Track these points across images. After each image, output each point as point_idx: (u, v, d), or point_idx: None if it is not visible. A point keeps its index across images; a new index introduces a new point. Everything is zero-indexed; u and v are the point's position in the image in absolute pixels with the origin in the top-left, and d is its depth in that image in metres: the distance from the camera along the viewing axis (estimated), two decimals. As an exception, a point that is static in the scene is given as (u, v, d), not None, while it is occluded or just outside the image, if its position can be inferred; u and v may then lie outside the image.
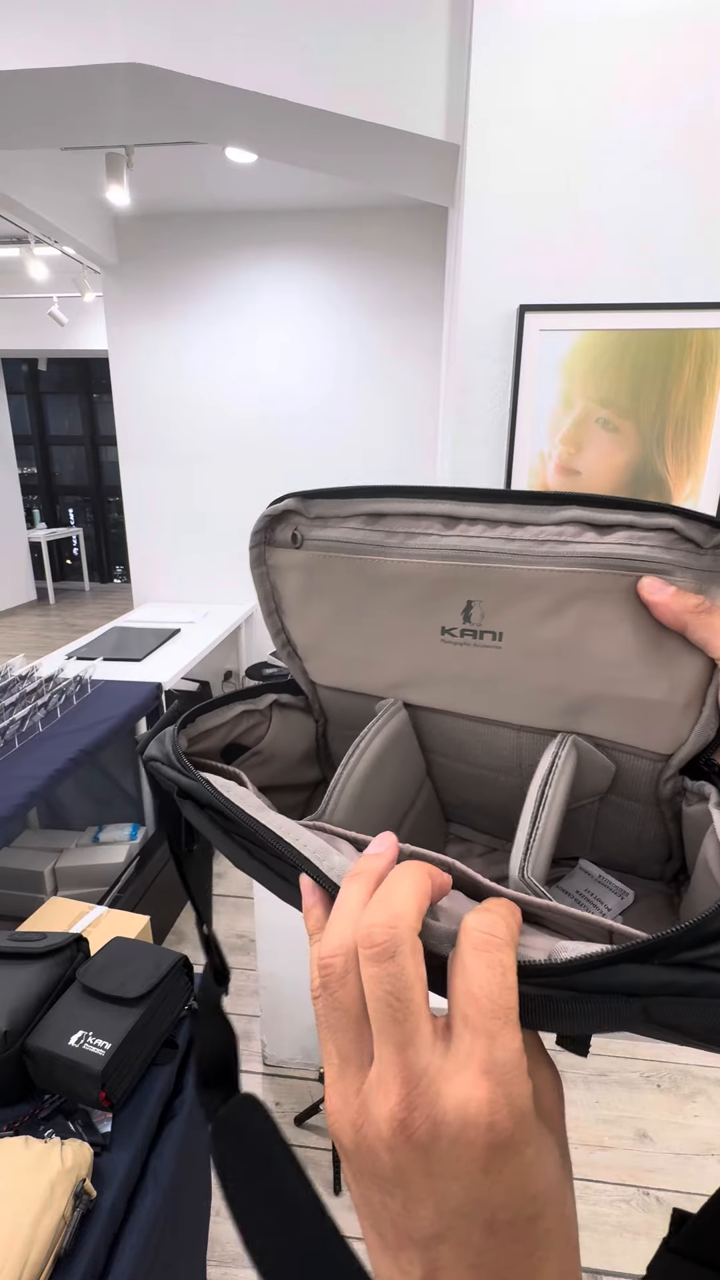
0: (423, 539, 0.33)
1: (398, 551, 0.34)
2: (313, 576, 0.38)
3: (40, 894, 1.99)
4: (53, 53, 1.43)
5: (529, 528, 0.30)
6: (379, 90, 1.44)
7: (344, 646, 0.41)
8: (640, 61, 1.27)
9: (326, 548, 0.36)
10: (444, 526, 0.33)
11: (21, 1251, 0.64)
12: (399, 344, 3.18)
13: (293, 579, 0.39)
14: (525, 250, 1.37)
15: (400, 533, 0.34)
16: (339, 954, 0.21)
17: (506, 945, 0.21)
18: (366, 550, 0.35)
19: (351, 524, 0.35)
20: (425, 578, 0.34)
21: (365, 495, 0.34)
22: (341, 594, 0.38)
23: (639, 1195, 1.41)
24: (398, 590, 0.35)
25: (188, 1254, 1.00)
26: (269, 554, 0.39)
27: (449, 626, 0.35)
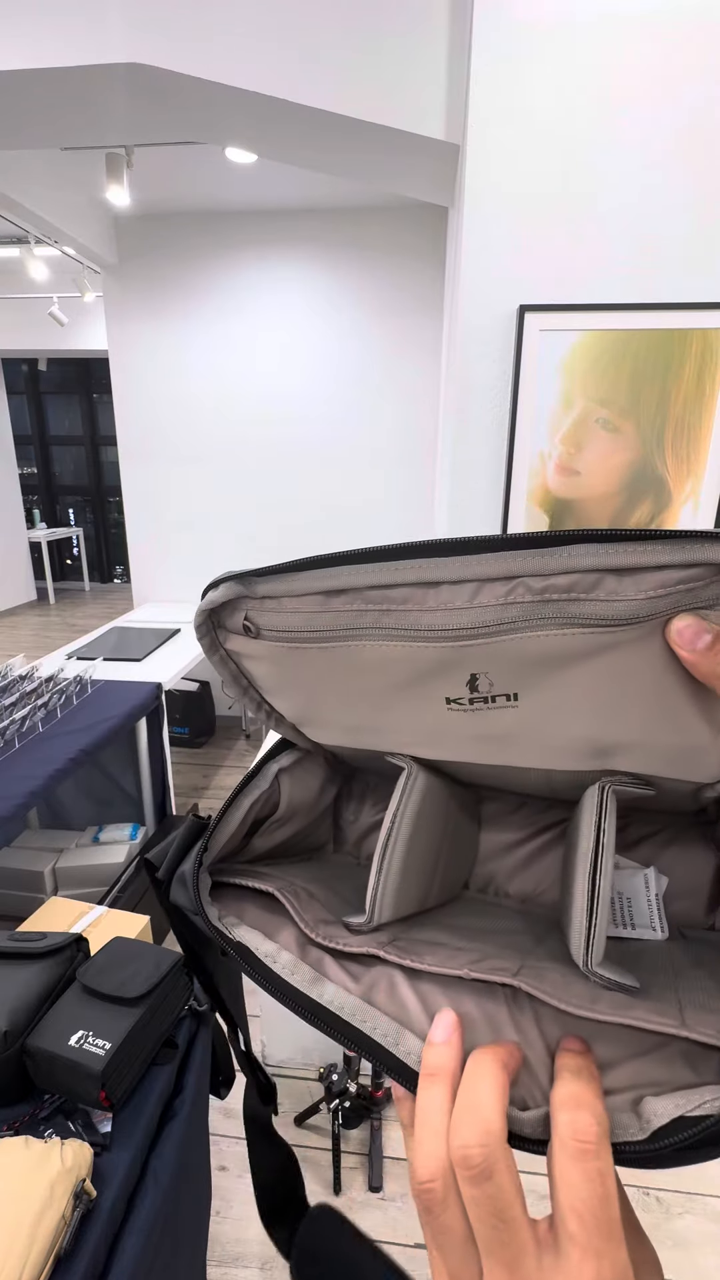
0: (399, 616, 0.27)
1: (373, 634, 0.28)
2: (282, 665, 0.33)
3: (40, 894, 1.99)
4: (53, 53, 1.43)
5: (526, 582, 0.24)
6: (379, 90, 1.44)
7: (339, 718, 0.36)
8: (640, 61, 1.27)
9: (288, 638, 0.30)
10: (420, 597, 0.26)
11: (21, 1251, 0.64)
12: (399, 344, 3.18)
13: (261, 666, 0.34)
14: (525, 250, 1.37)
15: (371, 610, 0.27)
16: (436, 1178, 0.22)
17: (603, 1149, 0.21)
18: (335, 637, 0.29)
19: (308, 604, 0.28)
20: (413, 660, 0.28)
21: (311, 568, 0.27)
22: (321, 678, 0.32)
23: (639, 1195, 1.41)
24: (384, 672, 0.30)
25: (188, 1254, 1.00)
26: (224, 638, 0.33)
27: (454, 698, 0.30)
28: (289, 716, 0.38)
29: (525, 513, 1.51)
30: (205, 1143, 1.07)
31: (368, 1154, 1.48)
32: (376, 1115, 1.52)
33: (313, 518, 3.47)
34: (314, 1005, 0.28)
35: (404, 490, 3.36)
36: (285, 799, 0.40)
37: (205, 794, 3.13)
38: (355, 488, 3.39)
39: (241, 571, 0.30)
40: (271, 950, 0.30)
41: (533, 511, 1.51)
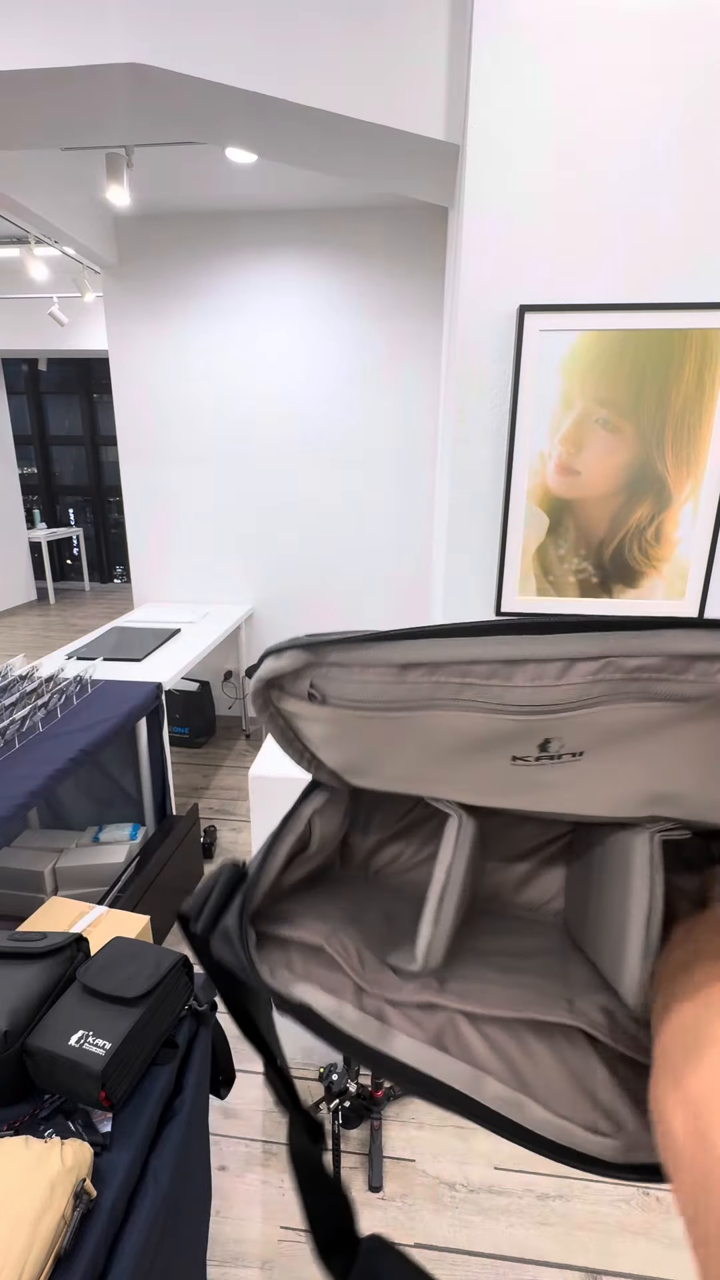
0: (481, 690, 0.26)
1: (451, 705, 0.27)
2: (342, 727, 0.32)
3: (40, 894, 1.99)
4: (53, 53, 1.43)
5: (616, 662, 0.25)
6: (379, 91, 1.44)
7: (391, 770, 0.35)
8: (640, 61, 1.27)
9: (355, 707, 0.29)
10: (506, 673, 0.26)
11: (21, 1251, 0.64)
12: (399, 344, 3.18)
13: (316, 727, 0.33)
14: (525, 250, 1.37)
15: (450, 683, 0.27)
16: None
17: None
18: (408, 707, 0.28)
19: (379, 675, 0.28)
20: (488, 728, 0.28)
21: (391, 640, 0.27)
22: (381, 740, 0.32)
23: (639, 1195, 1.41)
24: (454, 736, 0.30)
25: (188, 1254, 1.00)
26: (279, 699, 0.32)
27: (521, 755, 0.30)
28: (336, 767, 0.37)
29: (525, 513, 1.51)
30: (205, 1142, 1.07)
31: (368, 1154, 1.48)
32: (376, 1115, 1.52)
33: (313, 518, 3.47)
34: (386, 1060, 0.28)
35: (404, 490, 3.36)
36: (316, 837, 0.39)
37: (205, 794, 3.13)
38: (355, 488, 3.39)
39: (310, 640, 0.29)
40: (333, 1006, 0.30)
41: (533, 511, 1.51)
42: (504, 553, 1.54)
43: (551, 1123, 0.26)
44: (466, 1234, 1.34)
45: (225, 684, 3.90)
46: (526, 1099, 0.27)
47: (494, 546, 1.56)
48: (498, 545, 1.55)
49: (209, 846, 2.61)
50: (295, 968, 0.32)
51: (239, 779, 3.29)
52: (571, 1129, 0.26)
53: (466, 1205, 1.40)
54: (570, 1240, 1.33)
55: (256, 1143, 1.52)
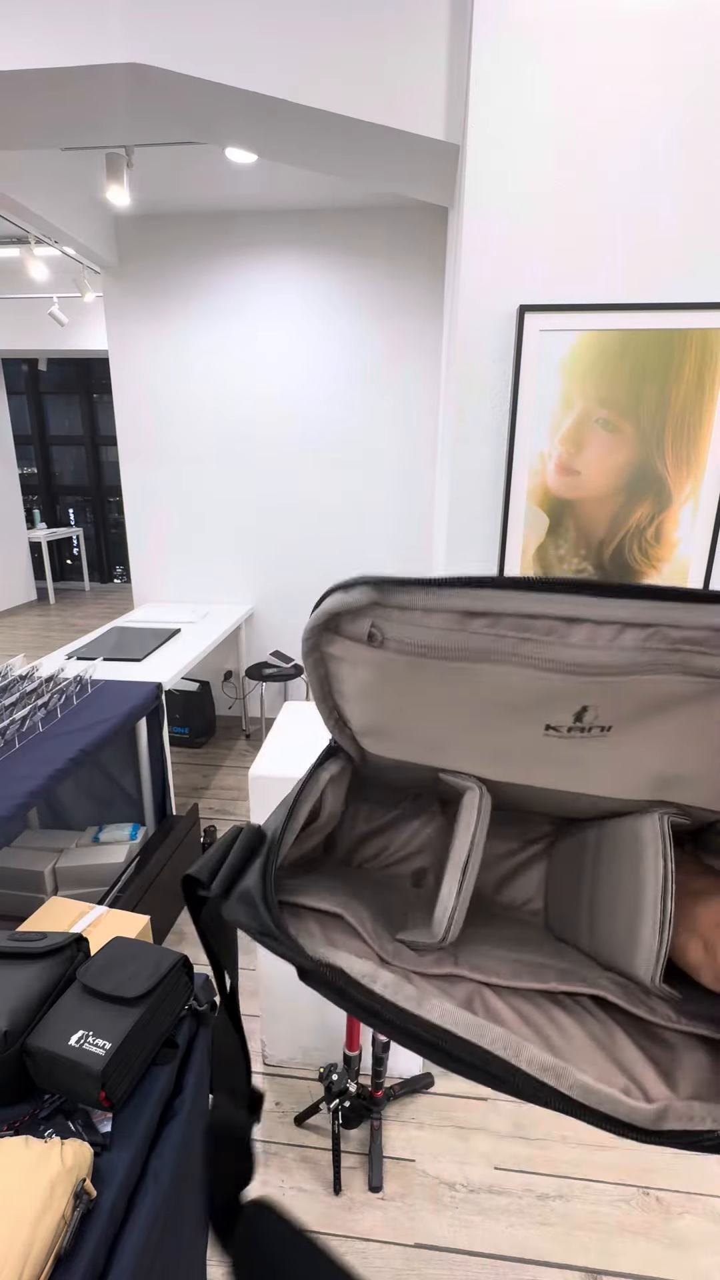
0: (536, 645, 0.27)
1: (507, 659, 0.28)
2: (389, 675, 0.32)
3: (40, 894, 1.99)
4: (53, 53, 1.43)
5: (665, 631, 0.26)
6: (379, 91, 1.44)
7: (416, 731, 0.36)
8: (640, 61, 1.27)
9: (415, 651, 0.30)
10: (564, 631, 0.27)
11: (22, 1251, 0.64)
12: (399, 344, 3.18)
13: (360, 672, 0.33)
14: (525, 250, 1.37)
15: (509, 636, 0.27)
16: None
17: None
18: (465, 657, 0.29)
19: (443, 621, 0.28)
20: (534, 686, 0.29)
21: (464, 586, 0.27)
22: (425, 692, 0.32)
23: (639, 1195, 1.41)
24: (498, 695, 0.30)
25: (188, 1254, 1.00)
26: (330, 642, 0.32)
27: (555, 725, 0.31)
28: (358, 726, 0.37)
29: (525, 512, 1.51)
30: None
31: (368, 1154, 1.48)
32: (376, 1115, 1.52)
33: (313, 518, 3.47)
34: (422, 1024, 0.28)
35: (404, 490, 3.36)
36: (325, 809, 0.40)
37: (205, 794, 3.13)
38: (355, 488, 3.39)
39: (377, 577, 0.29)
40: (367, 970, 0.30)
41: (533, 511, 1.51)
42: (504, 553, 1.54)
43: (591, 1087, 0.26)
44: (466, 1234, 1.34)
45: (225, 684, 3.90)
46: (566, 1064, 0.27)
47: (494, 546, 1.56)
48: (498, 545, 1.55)
49: (209, 846, 2.61)
50: (315, 935, 0.32)
51: (239, 779, 3.28)
52: (614, 1094, 0.26)
53: (466, 1205, 1.40)
54: (570, 1240, 1.33)
55: (256, 1143, 1.52)
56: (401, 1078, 1.66)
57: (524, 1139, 1.53)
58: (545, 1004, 0.31)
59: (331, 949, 0.31)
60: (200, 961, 2.09)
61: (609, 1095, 0.26)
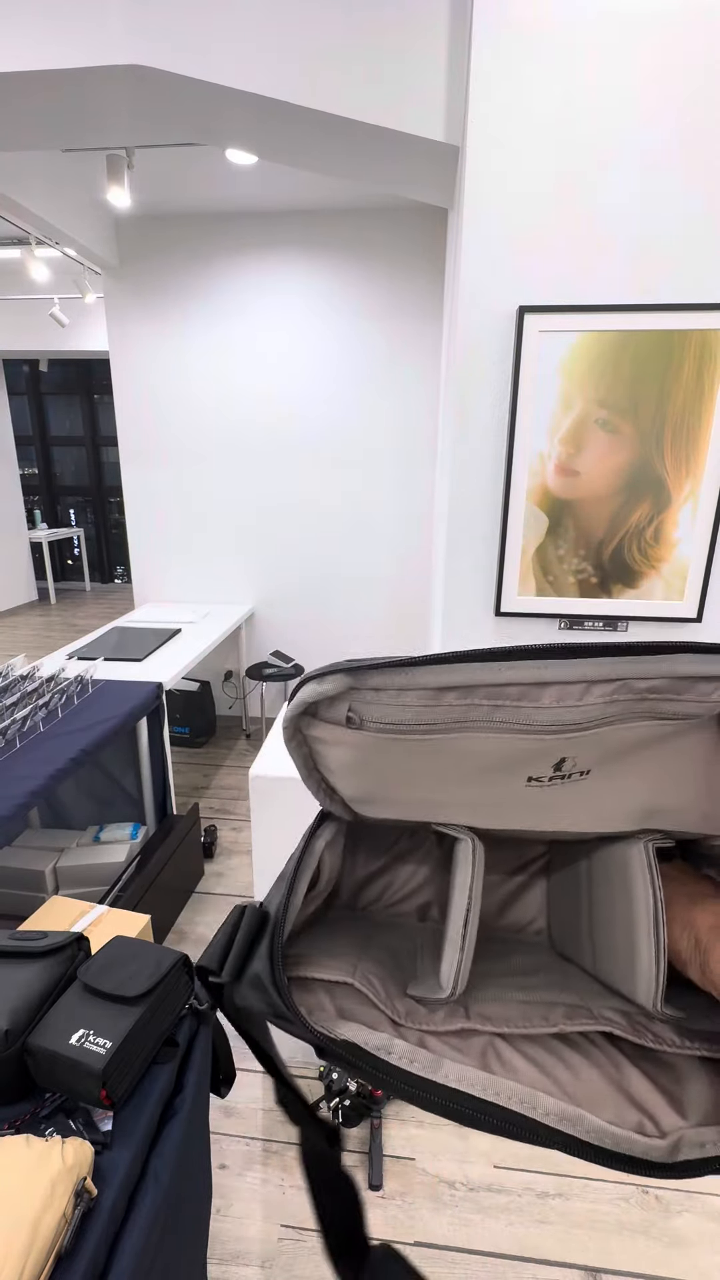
0: (508, 711, 0.29)
1: (483, 726, 0.30)
2: (369, 751, 0.33)
3: (41, 893, 2.00)
4: (54, 55, 1.43)
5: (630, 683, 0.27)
6: (379, 92, 1.45)
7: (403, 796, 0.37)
8: (640, 61, 1.27)
9: (393, 729, 0.31)
10: (535, 694, 0.28)
11: (22, 1250, 0.64)
12: (399, 345, 3.18)
13: (342, 751, 0.34)
14: (525, 251, 1.38)
15: (481, 705, 0.29)
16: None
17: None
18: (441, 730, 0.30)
19: (417, 699, 0.30)
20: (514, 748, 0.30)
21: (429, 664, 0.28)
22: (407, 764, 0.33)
23: (638, 1194, 1.42)
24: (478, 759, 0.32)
25: (188, 1252, 1.00)
26: (310, 727, 0.33)
27: (536, 776, 0.32)
28: (349, 796, 0.38)
29: (525, 513, 1.51)
30: (206, 1141, 1.07)
31: (368, 1152, 1.48)
32: (376, 1114, 1.52)
33: (313, 518, 3.47)
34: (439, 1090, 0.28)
35: (404, 491, 3.36)
36: (325, 872, 0.40)
37: (206, 794, 3.13)
38: (355, 488, 3.39)
39: (350, 664, 0.30)
40: (382, 1042, 0.30)
41: (533, 512, 1.51)
42: (504, 553, 1.54)
43: (606, 1130, 0.27)
44: (466, 1232, 1.34)
45: (226, 684, 3.90)
46: (581, 1110, 0.28)
47: (494, 546, 1.56)
48: (497, 545, 1.55)
49: (209, 846, 2.61)
50: (327, 1008, 0.32)
51: (239, 778, 3.29)
52: (627, 1135, 0.27)
53: (466, 1204, 1.40)
54: (569, 1239, 1.33)
55: (257, 1141, 1.53)
56: (401, 1077, 1.66)
57: (524, 1138, 1.53)
58: (557, 1045, 0.32)
59: (344, 1022, 0.31)
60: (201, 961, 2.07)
61: (624, 1136, 0.27)
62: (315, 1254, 1.31)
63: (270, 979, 0.31)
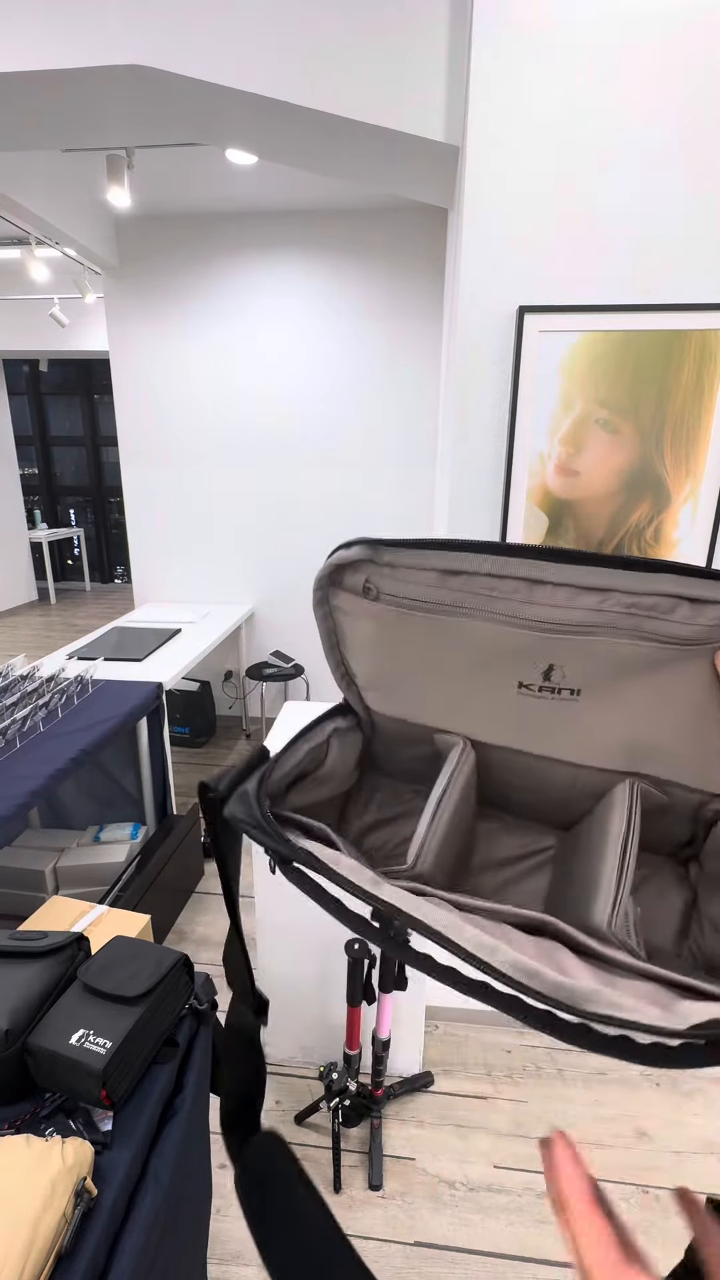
0: (504, 603, 0.32)
1: (478, 614, 0.33)
2: (384, 627, 0.37)
3: (41, 893, 2.00)
4: (54, 55, 1.43)
5: (617, 596, 0.29)
6: (379, 92, 1.45)
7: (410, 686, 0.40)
8: (640, 61, 1.27)
9: (402, 604, 0.35)
10: (527, 591, 0.31)
11: (22, 1250, 0.64)
12: (399, 345, 3.19)
13: (362, 626, 0.38)
14: (525, 251, 1.38)
15: (481, 594, 0.32)
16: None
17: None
18: (445, 610, 0.34)
19: (426, 578, 0.33)
20: (506, 642, 0.33)
21: (441, 548, 0.32)
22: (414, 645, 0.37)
23: (638, 1194, 1.42)
24: (475, 648, 0.35)
25: (188, 1252, 1.00)
26: (334, 595, 0.38)
27: (527, 682, 0.35)
28: (362, 679, 0.42)
29: (525, 513, 1.51)
30: (206, 1141, 1.07)
31: (368, 1152, 1.48)
32: (376, 1114, 1.52)
33: (313, 518, 3.47)
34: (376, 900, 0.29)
35: (404, 490, 3.36)
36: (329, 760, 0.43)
37: (206, 794, 3.13)
38: (355, 488, 3.39)
39: (372, 539, 0.34)
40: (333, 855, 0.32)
41: (533, 512, 1.51)
42: (504, 553, 1.54)
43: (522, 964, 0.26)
44: (466, 1232, 1.34)
45: (226, 684, 3.90)
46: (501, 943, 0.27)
47: (494, 547, 1.56)
48: (497, 545, 1.55)
49: (209, 846, 2.61)
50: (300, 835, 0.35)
51: (239, 779, 3.28)
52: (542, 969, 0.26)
53: (466, 1204, 1.40)
54: (570, 1239, 1.33)
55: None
56: (401, 1076, 1.66)
57: (524, 1137, 1.53)
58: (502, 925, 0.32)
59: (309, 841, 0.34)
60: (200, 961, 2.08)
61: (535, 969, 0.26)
62: (315, 1254, 1.31)
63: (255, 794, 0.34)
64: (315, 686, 3.67)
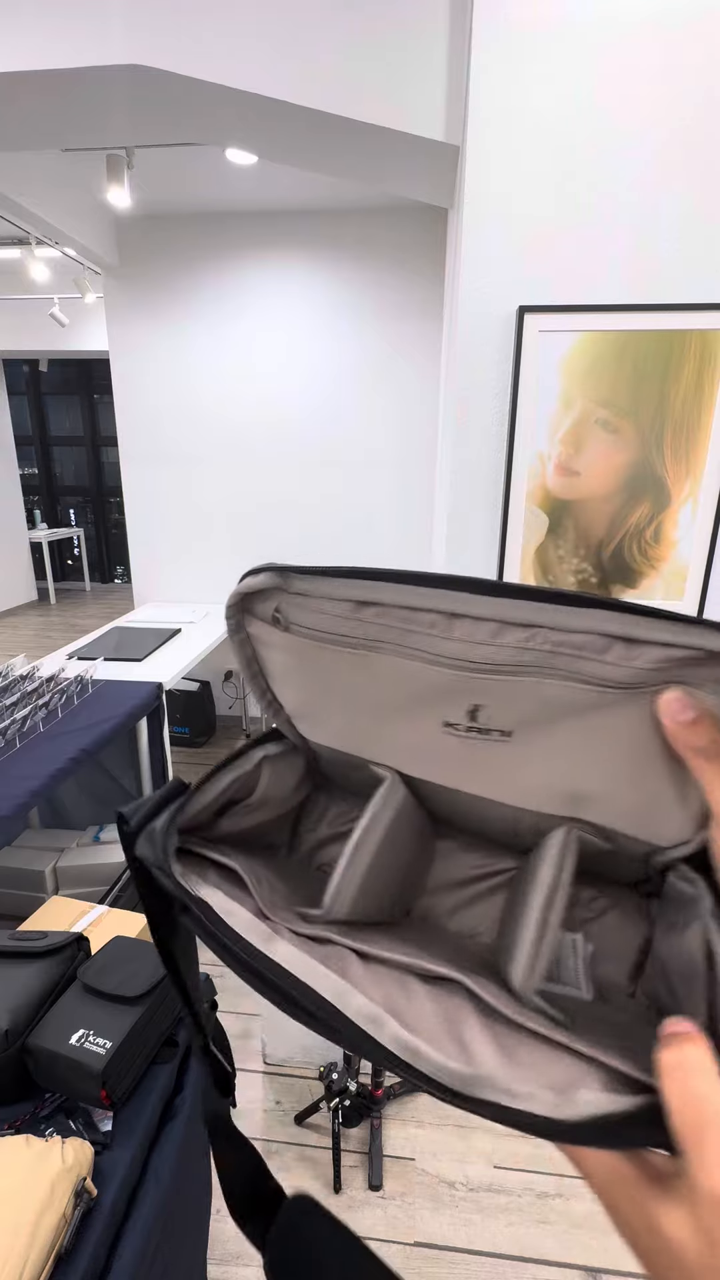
0: (422, 638, 0.29)
1: (392, 650, 0.31)
2: (299, 658, 0.35)
3: (41, 893, 2.00)
4: (54, 54, 1.43)
5: (544, 633, 0.27)
6: (379, 92, 1.45)
7: (337, 718, 0.38)
8: (640, 62, 1.27)
9: (313, 636, 0.33)
10: (445, 626, 0.29)
11: (22, 1250, 0.64)
12: (399, 345, 3.18)
13: (277, 656, 0.36)
14: (525, 251, 1.38)
15: (395, 627, 0.30)
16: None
17: None
18: (357, 645, 0.32)
19: (337, 609, 0.31)
20: (424, 681, 0.31)
21: (351, 577, 0.30)
22: (332, 678, 0.35)
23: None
24: (392, 685, 0.32)
25: (188, 1253, 1.00)
26: (248, 622, 0.36)
27: (452, 721, 0.32)
28: (288, 707, 0.39)
29: (525, 513, 1.51)
30: (206, 1141, 1.07)
31: (368, 1152, 1.48)
32: (376, 1114, 1.52)
33: (313, 518, 3.47)
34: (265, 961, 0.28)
35: (404, 490, 3.36)
36: (261, 787, 0.40)
37: (206, 794, 3.14)
38: (355, 488, 3.39)
39: (282, 565, 0.32)
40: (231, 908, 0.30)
41: (533, 512, 1.51)
42: (503, 553, 1.54)
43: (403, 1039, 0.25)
44: (466, 1232, 1.34)
45: (226, 684, 3.90)
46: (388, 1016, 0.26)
47: (494, 547, 1.56)
48: (497, 545, 1.55)
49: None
50: (206, 878, 0.33)
51: (239, 779, 3.29)
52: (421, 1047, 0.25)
53: (466, 1204, 1.40)
54: (570, 1239, 1.33)
55: (257, 1141, 1.53)
56: (401, 1077, 1.66)
57: (524, 1138, 1.53)
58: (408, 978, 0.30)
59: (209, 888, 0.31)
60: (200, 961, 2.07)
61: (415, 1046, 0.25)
62: (315, 1254, 1.31)
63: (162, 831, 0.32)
64: (315, 686, 3.67)
